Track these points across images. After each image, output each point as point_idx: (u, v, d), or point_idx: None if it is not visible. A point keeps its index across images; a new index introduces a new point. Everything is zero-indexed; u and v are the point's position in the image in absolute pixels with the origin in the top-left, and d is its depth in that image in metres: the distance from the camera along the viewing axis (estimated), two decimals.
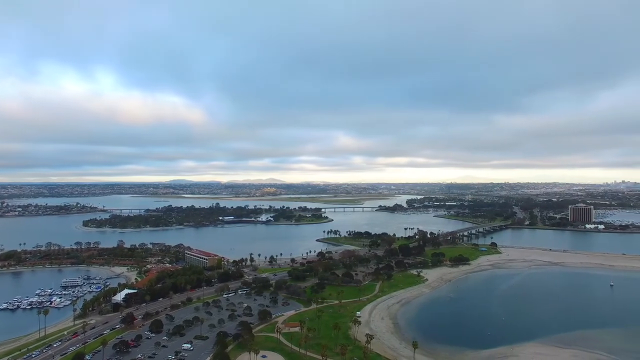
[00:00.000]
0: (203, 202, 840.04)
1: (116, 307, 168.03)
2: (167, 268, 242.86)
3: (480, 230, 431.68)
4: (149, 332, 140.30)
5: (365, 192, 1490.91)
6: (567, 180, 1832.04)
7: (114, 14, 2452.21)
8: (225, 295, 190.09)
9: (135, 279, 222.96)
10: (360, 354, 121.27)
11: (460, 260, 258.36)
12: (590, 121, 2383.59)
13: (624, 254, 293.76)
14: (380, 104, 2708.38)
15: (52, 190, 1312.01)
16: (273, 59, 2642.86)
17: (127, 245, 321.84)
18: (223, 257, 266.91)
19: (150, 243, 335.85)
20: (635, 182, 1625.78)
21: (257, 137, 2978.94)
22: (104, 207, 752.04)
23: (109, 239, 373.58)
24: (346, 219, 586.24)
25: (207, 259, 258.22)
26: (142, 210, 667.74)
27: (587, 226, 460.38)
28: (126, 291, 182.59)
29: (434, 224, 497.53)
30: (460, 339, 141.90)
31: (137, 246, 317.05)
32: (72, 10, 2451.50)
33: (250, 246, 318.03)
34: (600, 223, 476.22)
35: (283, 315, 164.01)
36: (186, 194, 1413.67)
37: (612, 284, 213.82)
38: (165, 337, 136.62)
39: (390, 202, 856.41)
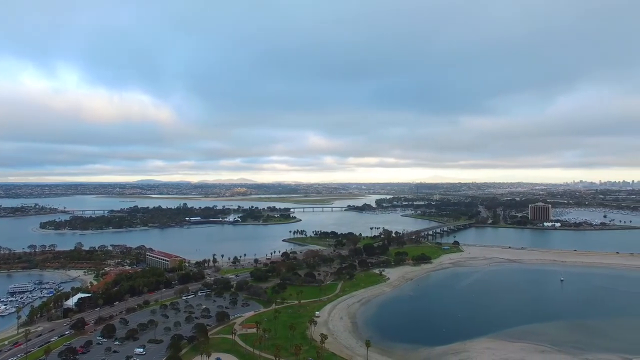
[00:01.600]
0: (171, 203, 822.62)
1: (67, 312, 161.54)
2: (126, 270, 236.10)
3: (445, 229, 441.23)
4: (100, 338, 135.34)
5: (336, 191, 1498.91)
6: (530, 180, 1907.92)
7: (76, 8, 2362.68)
8: (184, 297, 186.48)
9: (91, 282, 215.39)
10: (314, 353, 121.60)
11: (422, 259, 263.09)
12: (550, 123, 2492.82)
13: (575, 250, 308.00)
14: (350, 104, 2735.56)
15: (9, 190, 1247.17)
16: (242, 58, 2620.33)
17: (86, 247, 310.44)
18: (185, 259, 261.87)
19: (111, 245, 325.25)
20: (592, 182, 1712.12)
21: (228, 136, 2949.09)
22: (64, 208, 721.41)
23: (67, 241, 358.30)
24: (315, 219, 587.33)
25: (168, 261, 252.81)
26: (106, 211, 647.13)
27: (545, 224, 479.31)
28: (80, 295, 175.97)
29: (400, 223, 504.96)
30: (416, 336, 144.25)
31: (96, 248, 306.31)
32: (30, 3, 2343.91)
33: (216, 247, 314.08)
34: (557, 221, 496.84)
35: (242, 316, 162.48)
36: (154, 194, 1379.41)
37: (562, 279, 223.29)
38: (117, 342, 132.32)
39: (359, 202, 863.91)
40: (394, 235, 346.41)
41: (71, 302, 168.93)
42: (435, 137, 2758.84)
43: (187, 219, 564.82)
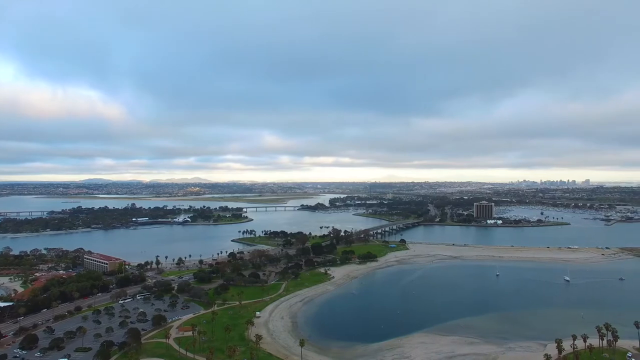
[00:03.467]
0: (119, 203, 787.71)
1: None
2: (59, 275, 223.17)
3: (394, 227, 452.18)
4: (18, 350, 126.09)
5: (291, 191, 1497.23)
6: (479, 180, 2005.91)
7: None
8: (121, 302, 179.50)
9: (14, 290, 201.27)
10: (250, 355, 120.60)
11: (368, 257, 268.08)
12: (496, 126, 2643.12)
13: (512, 245, 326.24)
14: (305, 104, 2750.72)
15: None
16: (194, 55, 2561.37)
17: (16, 252, 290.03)
18: (125, 261, 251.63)
19: (45, 248, 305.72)
20: (534, 182, 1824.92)
21: (181, 134, 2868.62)
22: None
23: None
24: (267, 219, 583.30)
25: (107, 264, 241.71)
26: (45, 213, 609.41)
27: (488, 221, 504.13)
28: None
29: (352, 222, 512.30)
30: (355, 334, 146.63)
31: (28, 253, 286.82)
32: None
33: (163, 248, 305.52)
34: (500, 218, 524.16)
35: (180, 319, 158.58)
36: (102, 194, 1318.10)
37: (497, 273, 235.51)
38: (38, 354, 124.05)
39: (313, 201, 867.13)
40: (342, 234, 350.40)
41: None
42: (390, 138, 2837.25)
43: (134, 219, 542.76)
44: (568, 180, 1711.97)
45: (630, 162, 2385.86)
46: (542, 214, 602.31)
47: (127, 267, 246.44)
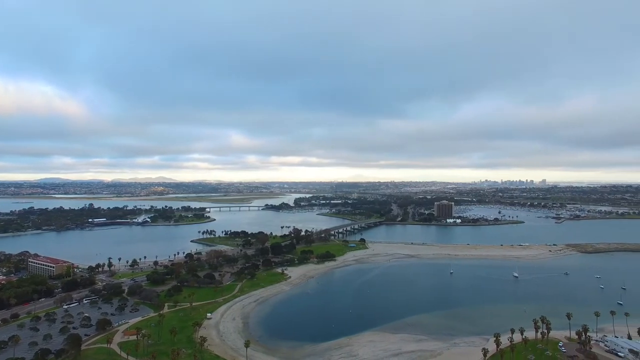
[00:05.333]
0: (76, 203, 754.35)
1: None
2: None
3: (356, 227, 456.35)
4: None
5: (257, 190, 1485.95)
6: (444, 180, 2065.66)
7: None
8: (65, 306, 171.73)
9: None
10: (199, 357, 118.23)
11: (327, 256, 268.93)
12: (457, 127, 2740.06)
13: (468, 244, 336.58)
14: (271, 104, 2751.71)
15: None
16: (158, 52, 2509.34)
17: None
18: (74, 264, 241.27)
19: None
20: (495, 181, 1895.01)
21: (145, 133, 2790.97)
22: None
23: None
24: (230, 219, 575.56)
25: (54, 267, 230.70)
26: None
27: (448, 220, 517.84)
28: None
29: (315, 221, 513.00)
30: (305, 334, 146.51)
31: None
32: None
33: (119, 250, 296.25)
34: (459, 217, 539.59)
35: (127, 322, 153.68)
36: (58, 193, 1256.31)
37: (451, 271, 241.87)
38: None
39: (279, 201, 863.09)
40: (303, 234, 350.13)
41: None
42: (356, 138, 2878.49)
43: (90, 220, 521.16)
44: (527, 180, 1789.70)
45: (583, 164, 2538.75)
46: (499, 212, 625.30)
47: (76, 270, 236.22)
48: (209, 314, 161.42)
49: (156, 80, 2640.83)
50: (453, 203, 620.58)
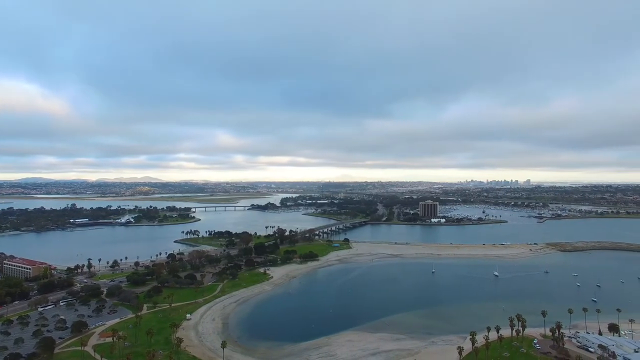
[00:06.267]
0: (58, 203, 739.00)
1: None
2: None
3: (341, 227, 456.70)
4: None
5: (244, 190, 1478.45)
6: (430, 180, 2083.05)
7: None
8: (40, 309, 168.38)
9: None
10: (175, 359, 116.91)
11: (310, 256, 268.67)
12: (443, 128, 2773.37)
13: (451, 243, 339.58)
14: (259, 104, 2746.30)
15: None
16: (144, 51, 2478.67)
17: None
18: (52, 265, 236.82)
19: None
20: (481, 181, 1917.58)
21: (130, 132, 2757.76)
22: None
23: None
24: (216, 219, 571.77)
25: (30, 269, 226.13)
26: None
27: (433, 220, 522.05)
28: None
29: (300, 221, 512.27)
30: (285, 334, 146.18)
31: None
32: None
33: (100, 250, 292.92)
34: (443, 217, 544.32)
35: (104, 324, 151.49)
36: (40, 193, 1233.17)
37: (433, 270, 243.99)
38: None
39: (265, 201, 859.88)
40: (287, 234, 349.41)
41: None
42: (343, 138, 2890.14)
43: (71, 221, 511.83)
44: (512, 180, 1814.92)
45: (565, 164, 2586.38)
46: (484, 212, 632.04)
47: (54, 271, 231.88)
48: (188, 315, 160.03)
49: (142, 79, 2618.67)
50: (438, 203, 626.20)
